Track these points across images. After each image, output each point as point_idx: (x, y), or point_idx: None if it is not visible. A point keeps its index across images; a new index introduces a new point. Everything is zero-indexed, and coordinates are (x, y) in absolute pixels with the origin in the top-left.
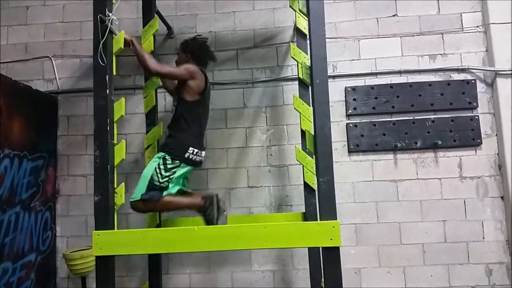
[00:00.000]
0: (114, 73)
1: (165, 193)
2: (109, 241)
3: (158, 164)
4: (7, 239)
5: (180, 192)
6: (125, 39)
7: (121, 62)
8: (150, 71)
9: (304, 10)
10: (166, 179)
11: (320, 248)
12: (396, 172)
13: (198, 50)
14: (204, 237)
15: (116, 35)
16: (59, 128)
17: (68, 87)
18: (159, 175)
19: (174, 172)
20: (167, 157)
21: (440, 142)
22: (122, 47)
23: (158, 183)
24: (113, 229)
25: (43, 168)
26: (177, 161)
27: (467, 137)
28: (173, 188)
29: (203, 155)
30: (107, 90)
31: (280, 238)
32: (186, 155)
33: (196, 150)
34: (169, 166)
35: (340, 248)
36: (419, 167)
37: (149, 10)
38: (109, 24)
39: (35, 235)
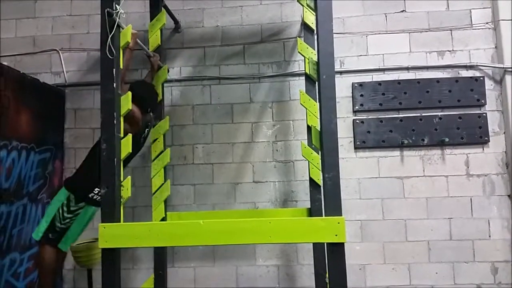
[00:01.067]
0: (121, 66)
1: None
2: (115, 233)
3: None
4: (14, 230)
5: None
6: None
7: None
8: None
9: (312, 4)
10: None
11: (325, 244)
12: (403, 169)
13: (142, 95)
14: (209, 231)
15: (123, 29)
16: (66, 121)
17: (75, 80)
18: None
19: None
20: (71, 197)
21: (447, 139)
22: (129, 41)
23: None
24: (119, 222)
25: (50, 160)
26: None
27: (474, 134)
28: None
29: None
30: (114, 84)
31: (285, 234)
32: (90, 195)
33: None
34: (72, 208)
35: (345, 244)
36: (426, 164)
37: (156, 4)
38: (117, 18)
39: None
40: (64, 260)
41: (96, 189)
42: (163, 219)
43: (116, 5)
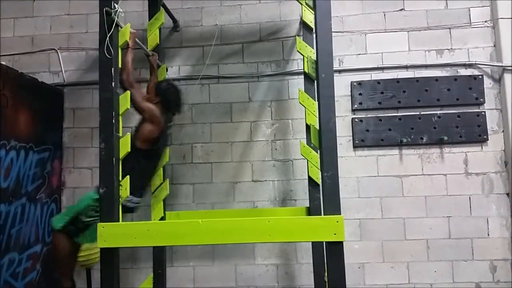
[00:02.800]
0: (120, 65)
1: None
2: (113, 233)
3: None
4: (13, 230)
5: None
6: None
7: None
8: (122, 83)
9: (311, 3)
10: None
11: (324, 243)
12: (401, 168)
13: (169, 97)
14: (208, 231)
15: (122, 28)
16: (65, 121)
17: (74, 79)
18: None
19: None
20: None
21: (446, 138)
22: (128, 40)
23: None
24: (118, 221)
25: (49, 160)
26: None
27: (473, 133)
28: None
29: (136, 201)
30: (113, 83)
31: (284, 232)
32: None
33: (132, 197)
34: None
35: (344, 243)
36: (425, 162)
37: (155, 3)
38: (115, 17)
39: (41, 226)
40: (78, 253)
41: (130, 196)
42: (162, 218)
43: (115, 4)
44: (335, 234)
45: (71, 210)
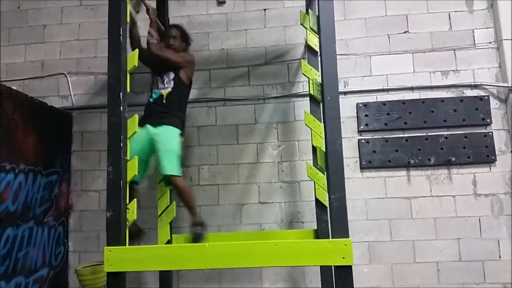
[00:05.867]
0: (128, 90)
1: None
2: (120, 257)
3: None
4: (20, 254)
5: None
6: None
7: (135, 79)
8: (150, 50)
9: (315, 27)
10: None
11: (333, 267)
12: (409, 189)
13: (190, 39)
14: (214, 254)
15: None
16: (73, 144)
17: (82, 103)
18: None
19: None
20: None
21: (453, 159)
22: (136, 65)
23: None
24: (125, 245)
25: (57, 183)
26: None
27: (481, 153)
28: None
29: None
30: (121, 107)
31: (291, 256)
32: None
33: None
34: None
35: (353, 266)
36: (433, 184)
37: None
38: (125, 42)
39: (48, 250)
40: None
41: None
42: (169, 241)
43: (123, 30)
44: (343, 258)
45: (175, 153)
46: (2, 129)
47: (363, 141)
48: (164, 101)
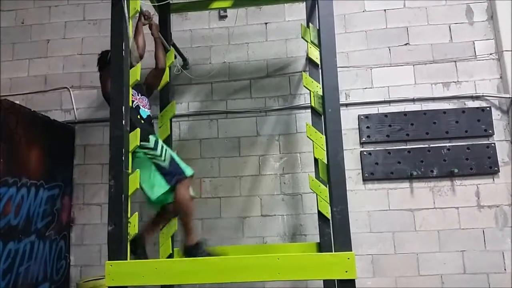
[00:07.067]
0: (130, 104)
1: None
2: (122, 271)
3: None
4: (21, 268)
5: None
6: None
7: None
8: (163, 66)
9: (316, 41)
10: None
11: (336, 280)
12: (413, 201)
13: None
14: (216, 268)
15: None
16: (76, 157)
17: (85, 117)
18: None
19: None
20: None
21: (456, 170)
22: (139, 79)
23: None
24: (126, 259)
25: (59, 197)
26: None
27: (484, 165)
28: None
29: None
30: (123, 121)
31: (294, 270)
32: None
33: None
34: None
35: (357, 279)
36: (436, 195)
37: (165, 41)
38: (127, 56)
39: (49, 264)
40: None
41: None
42: (170, 255)
43: (125, 44)
44: (346, 271)
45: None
46: (5, 143)
47: (365, 153)
48: (151, 122)
